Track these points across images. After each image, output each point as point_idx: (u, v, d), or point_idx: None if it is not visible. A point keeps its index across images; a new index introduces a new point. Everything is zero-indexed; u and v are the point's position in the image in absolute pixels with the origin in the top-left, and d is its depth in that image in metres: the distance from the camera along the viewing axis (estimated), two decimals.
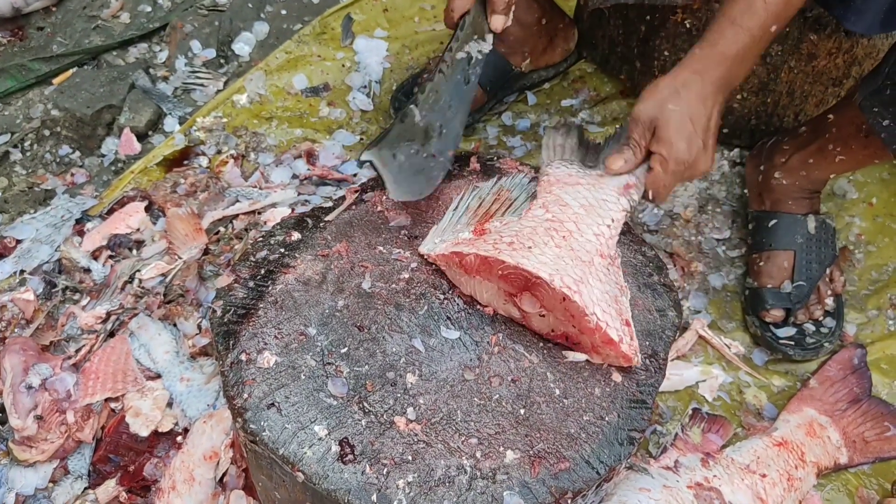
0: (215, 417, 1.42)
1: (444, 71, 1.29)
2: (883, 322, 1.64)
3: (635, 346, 1.08)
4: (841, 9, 1.24)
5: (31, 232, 1.76)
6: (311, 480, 0.99)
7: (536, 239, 1.10)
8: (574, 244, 1.10)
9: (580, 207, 1.16)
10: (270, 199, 1.75)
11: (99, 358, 1.49)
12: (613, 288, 1.10)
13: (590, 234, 1.12)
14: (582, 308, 1.03)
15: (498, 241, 1.10)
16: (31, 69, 2.11)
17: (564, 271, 1.05)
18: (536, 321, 1.12)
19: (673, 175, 1.18)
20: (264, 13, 2.27)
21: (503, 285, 1.11)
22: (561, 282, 1.04)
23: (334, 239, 1.24)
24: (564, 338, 1.12)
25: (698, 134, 1.16)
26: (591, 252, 1.10)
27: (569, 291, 1.03)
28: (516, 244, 1.09)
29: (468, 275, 1.13)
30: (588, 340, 1.09)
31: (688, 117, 1.16)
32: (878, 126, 1.30)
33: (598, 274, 1.09)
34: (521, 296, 1.10)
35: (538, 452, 1.02)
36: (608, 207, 1.16)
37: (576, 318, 1.06)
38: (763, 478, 1.34)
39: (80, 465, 1.43)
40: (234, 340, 1.10)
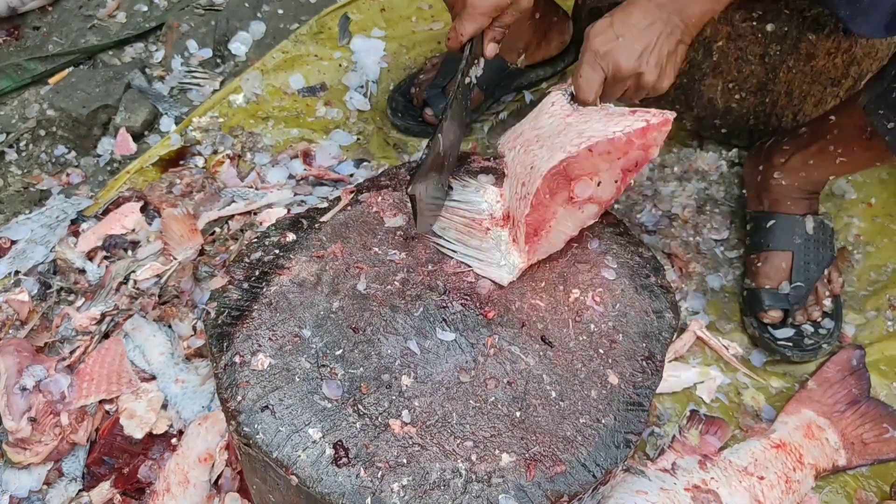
0: (210, 419, 1.41)
1: (459, 97, 1.30)
2: (882, 323, 1.63)
3: (657, 111, 1.13)
4: (847, 11, 1.23)
5: (26, 232, 1.75)
6: (305, 484, 0.98)
7: (527, 161, 1.16)
8: (546, 133, 1.18)
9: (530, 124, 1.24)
10: (266, 200, 1.74)
11: (93, 359, 1.49)
12: (599, 114, 1.17)
13: (546, 121, 1.21)
14: (605, 140, 1.09)
15: (518, 196, 1.16)
16: (26, 69, 2.10)
17: (565, 143, 1.12)
18: (604, 191, 1.18)
19: (587, 65, 1.21)
20: (261, 12, 2.26)
21: (560, 199, 1.15)
22: (573, 146, 1.10)
23: (329, 240, 1.23)
24: (627, 173, 1.17)
25: (618, 32, 1.20)
26: (560, 122, 1.18)
27: (586, 143, 1.10)
28: (524, 179, 1.15)
29: (545, 231, 1.17)
30: (636, 152, 1.14)
31: (612, 20, 1.21)
32: (883, 129, 1.30)
33: (580, 122, 1.16)
34: (574, 191, 1.15)
35: (534, 455, 1.02)
36: (546, 103, 1.25)
37: (612, 151, 1.12)
38: (761, 480, 1.33)
39: (75, 468, 1.42)
40: (228, 342, 1.09)
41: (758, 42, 1.64)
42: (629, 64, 1.20)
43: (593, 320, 1.15)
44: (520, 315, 1.15)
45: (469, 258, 1.21)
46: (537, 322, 1.14)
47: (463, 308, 1.15)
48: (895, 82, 1.26)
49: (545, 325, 1.14)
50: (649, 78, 1.22)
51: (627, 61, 1.20)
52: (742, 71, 1.71)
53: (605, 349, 1.12)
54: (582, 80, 1.22)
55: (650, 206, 1.78)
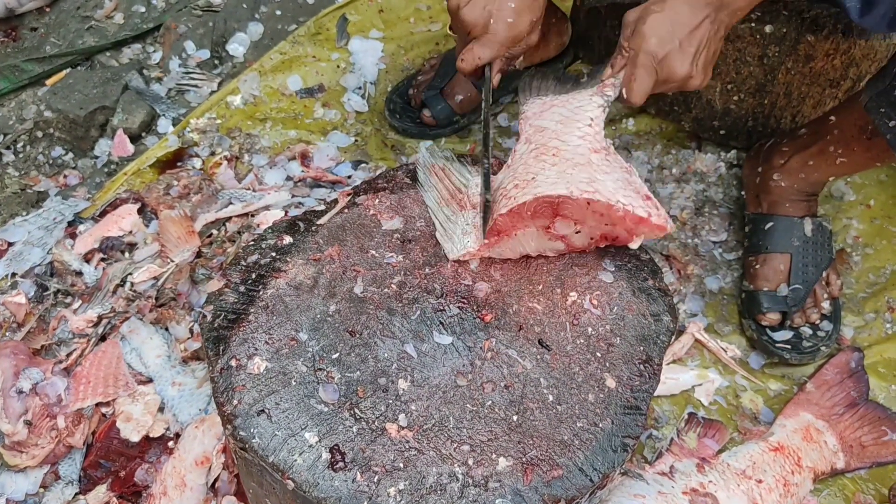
0: (207, 422, 1.41)
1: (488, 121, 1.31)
2: (880, 325, 1.63)
3: (664, 215, 1.12)
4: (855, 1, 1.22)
5: (22, 234, 1.75)
6: (301, 488, 0.98)
7: (533, 168, 1.15)
8: (566, 154, 1.16)
9: (557, 124, 1.22)
10: (264, 202, 1.73)
11: (90, 362, 1.48)
12: (620, 173, 1.15)
13: (575, 140, 1.18)
14: (606, 203, 1.09)
15: (506, 193, 1.15)
16: (24, 70, 2.10)
17: (574, 181, 1.11)
18: (577, 239, 1.18)
19: (643, 69, 1.19)
20: (259, 14, 2.26)
21: (537, 222, 1.15)
22: (578, 190, 1.09)
23: (326, 243, 1.22)
24: (604, 238, 1.19)
25: (676, 34, 1.17)
26: (585, 153, 1.16)
27: (589, 194, 1.09)
28: (520, 183, 1.14)
29: (508, 237, 1.16)
30: (622, 230, 1.15)
31: (668, 18, 1.18)
32: (885, 127, 1.29)
33: (602, 168, 1.15)
34: (554, 223, 1.15)
35: (531, 459, 1.01)
36: (583, 110, 1.22)
37: (604, 214, 1.12)
38: (759, 483, 1.33)
39: (71, 471, 1.42)
40: (224, 346, 1.09)
41: (756, 43, 1.64)
42: (684, 69, 1.19)
43: (591, 323, 1.14)
44: (517, 318, 1.14)
45: (437, 221, 1.25)
46: (534, 325, 1.14)
47: (460, 311, 1.14)
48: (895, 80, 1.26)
49: (542, 329, 1.13)
50: (696, 82, 1.22)
51: (682, 67, 1.19)
52: (740, 72, 1.70)
53: (602, 352, 1.12)
54: (636, 85, 1.20)
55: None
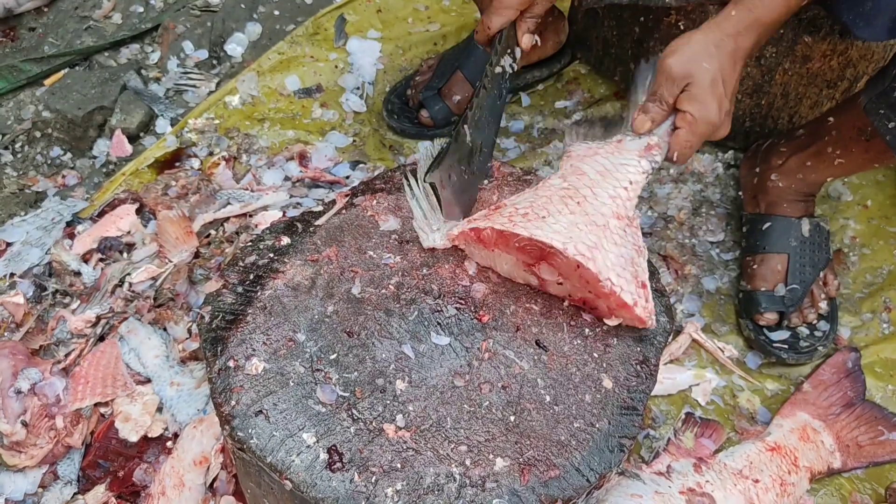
0: (205, 422, 1.41)
1: (487, 87, 1.29)
2: (877, 325, 1.63)
3: (650, 309, 1.09)
4: (850, 15, 1.23)
5: (21, 234, 1.75)
6: (298, 489, 0.98)
7: (551, 208, 1.10)
8: (589, 209, 1.11)
9: (596, 174, 1.16)
10: (262, 202, 1.74)
11: (88, 362, 1.49)
12: (630, 250, 1.11)
13: (605, 198, 1.12)
14: (595, 274, 1.05)
15: (513, 214, 1.11)
16: (22, 70, 2.10)
17: (578, 238, 1.06)
18: (554, 288, 1.15)
19: (700, 137, 1.17)
20: (257, 14, 2.26)
21: (521, 256, 1.13)
22: (574, 249, 1.05)
23: (324, 244, 1.23)
24: (582, 302, 1.14)
25: (728, 97, 1.16)
26: (607, 215, 1.11)
27: (582, 259, 1.04)
28: (531, 215, 1.10)
29: (487, 249, 1.15)
30: (604, 304, 1.11)
31: (720, 78, 1.14)
32: (884, 128, 1.29)
33: (614, 237, 1.10)
34: (539, 265, 1.12)
35: (528, 460, 1.01)
36: (627, 171, 1.16)
37: (591, 283, 1.08)
38: (756, 483, 1.33)
39: (70, 471, 1.42)
40: (222, 347, 1.09)
41: None
42: (725, 131, 1.18)
43: (587, 324, 1.15)
44: (514, 319, 1.14)
45: (417, 209, 1.24)
46: (532, 326, 1.14)
47: (457, 312, 1.14)
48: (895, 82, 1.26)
49: (540, 329, 1.14)
50: (723, 133, 1.20)
51: (726, 130, 1.18)
52: None
53: (599, 353, 1.12)
54: (689, 151, 1.18)
55: (646, 207, 1.78)
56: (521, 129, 1.94)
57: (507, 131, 1.94)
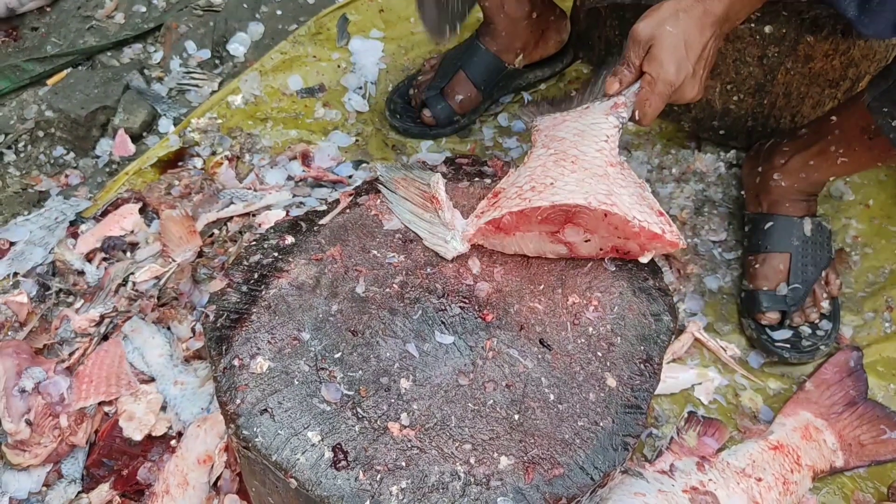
0: (209, 421, 1.41)
1: None
2: (879, 324, 1.63)
3: (676, 231, 1.14)
4: (855, 13, 1.23)
5: (24, 234, 1.75)
6: (303, 487, 0.98)
7: (552, 174, 1.16)
8: (585, 164, 1.17)
9: (574, 136, 1.23)
10: (265, 201, 1.74)
11: (92, 361, 1.49)
12: (635, 188, 1.17)
13: (593, 152, 1.19)
14: (623, 216, 1.10)
15: (520, 192, 1.15)
16: (25, 70, 2.10)
17: (593, 191, 1.12)
18: (584, 248, 1.19)
19: (660, 96, 1.22)
20: (259, 13, 2.26)
21: (544, 227, 1.16)
22: (596, 201, 1.10)
23: (328, 243, 1.23)
24: (614, 251, 1.20)
25: (689, 59, 1.19)
26: (603, 165, 1.17)
27: (607, 206, 1.10)
28: (538, 186, 1.15)
29: (509, 235, 1.17)
30: (635, 244, 1.17)
31: (682, 41, 1.19)
32: (887, 126, 1.29)
33: (618, 181, 1.16)
34: (564, 230, 1.16)
35: (532, 458, 1.02)
36: (600, 128, 1.24)
37: (619, 228, 1.13)
38: (759, 482, 1.33)
39: (74, 469, 1.42)
40: (226, 345, 1.09)
41: (756, 44, 1.64)
42: (693, 93, 1.22)
43: (591, 323, 1.15)
44: (518, 318, 1.15)
45: (421, 230, 1.25)
46: (536, 325, 1.14)
47: (461, 311, 1.15)
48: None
49: (543, 328, 1.14)
50: (697, 97, 1.24)
51: (692, 91, 1.22)
52: (740, 72, 1.71)
53: (603, 352, 1.12)
54: (651, 111, 1.23)
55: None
56: (524, 128, 1.95)
57: (510, 131, 1.94)
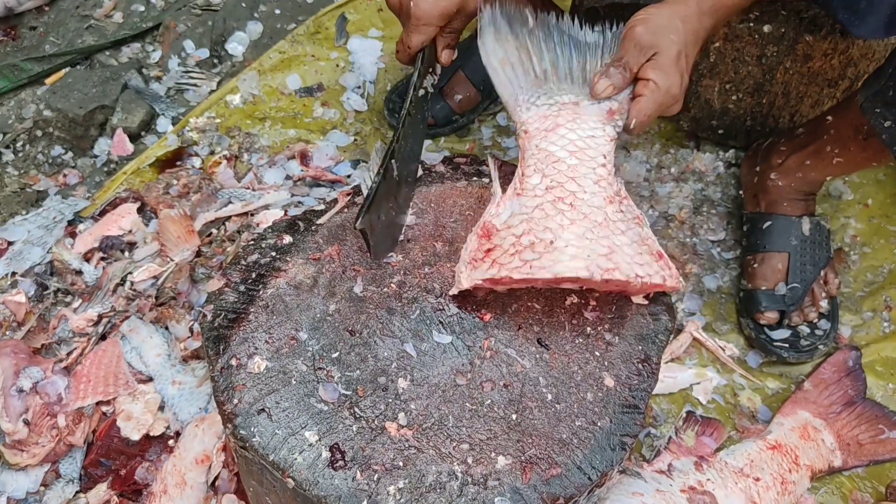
0: (207, 421, 1.41)
1: (412, 112, 1.26)
2: (878, 324, 1.63)
3: (675, 274, 1.11)
4: (845, 14, 1.23)
5: (22, 233, 1.75)
6: (301, 487, 0.98)
7: (551, 224, 1.08)
8: (584, 208, 1.09)
9: (571, 157, 1.14)
10: (263, 201, 1.74)
11: (90, 361, 1.49)
12: (635, 229, 1.11)
13: (592, 187, 1.11)
14: (625, 281, 1.06)
15: (518, 247, 1.08)
16: (23, 69, 2.10)
17: (594, 254, 1.05)
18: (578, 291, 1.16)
19: (659, 106, 1.16)
20: (258, 13, 2.26)
21: (544, 285, 1.13)
22: (598, 269, 1.05)
23: (326, 242, 1.23)
24: (609, 293, 1.16)
25: (687, 69, 1.17)
26: (602, 206, 1.10)
27: (608, 274, 1.05)
28: (538, 244, 1.07)
29: (510, 284, 1.12)
30: (633, 289, 1.13)
31: (684, 53, 1.15)
32: (880, 127, 1.29)
33: (618, 227, 1.09)
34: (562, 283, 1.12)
35: (530, 458, 1.02)
36: (597, 144, 1.15)
37: (620, 286, 1.10)
38: (757, 481, 1.34)
39: (72, 469, 1.42)
40: (224, 345, 1.09)
41: (755, 43, 1.64)
42: (678, 108, 1.18)
43: (589, 323, 1.15)
44: (516, 318, 1.15)
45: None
46: (533, 325, 1.14)
47: (459, 311, 1.14)
48: (891, 80, 1.26)
49: (541, 328, 1.14)
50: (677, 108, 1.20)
51: (679, 105, 1.18)
52: (739, 72, 1.71)
53: (601, 352, 1.12)
54: (647, 120, 1.16)
55: (647, 206, 1.78)
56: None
57: (509, 130, 1.94)
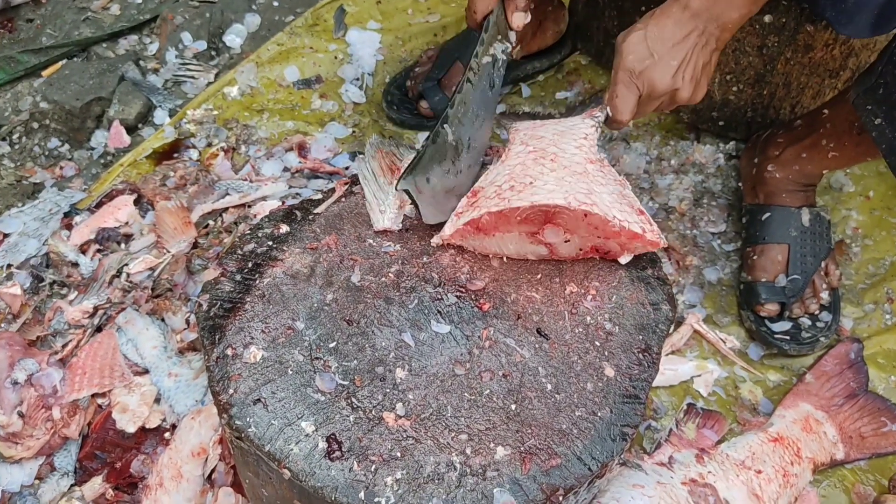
0: (203, 413, 1.40)
1: (472, 80, 1.26)
2: (880, 316, 1.62)
3: (656, 230, 1.12)
4: (832, 12, 1.22)
5: (18, 225, 1.74)
6: (297, 478, 0.97)
7: (531, 172, 1.13)
8: (564, 161, 1.15)
9: (554, 134, 1.22)
10: (261, 193, 1.73)
11: (86, 353, 1.48)
12: (615, 186, 1.14)
13: (572, 149, 1.17)
14: (604, 217, 1.08)
15: (499, 192, 1.12)
16: (20, 61, 2.09)
17: (573, 190, 1.09)
18: (564, 248, 1.16)
19: (623, 85, 1.20)
20: (256, 5, 2.25)
21: (523, 228, 1.13)
22: (576, 201, 1.08)
23: (323, 231, 1.22)
24: (595, 251, 1.16)
25: (656, 49, 1.17)
26: (582, 163, 1.15)
27: (587, 206, 1.07)
28: (517, 185, 1.12)
29: (488, 235, 1.14)
30: (615, 243, 1.14)
31: (648, 34, 1.18)
32: (870, 124, 1.29)
33: (598, 179, 1.13)
34: (543, 230, 1.13)
35: (529, 448, 1.00)
36: (578, 128, 1.22)
37: (599, 227, 1.11)
38: (758, 474, 1.33)
39: (67, 462, 1.41)
40: (220, 335, 1.08)
41: (755, 33, 1.63)
42: (665, 82, 1.19)
43: (589, 312, 1.14)
44: (515, 307, 1.13)
45: (368, 189, 1.25)
46: (533, 314, 1.13)
47: (458, 300, 1.13)
48: (882, 78, 1.25)
49: (541, 318, 1.13)
50: (684, 94, 1.22)
51: (663, 80, 1.19)
52: (740, 62, 1.69)
53: (601, 341, 1.11)
54: (618, 101, 1.21)
55: (647, 198, 1.77)
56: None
57: None
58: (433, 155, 1.18)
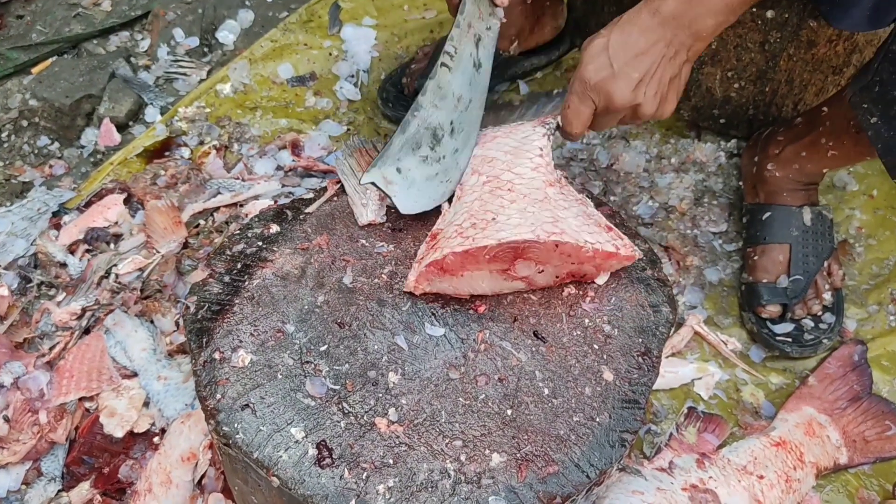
0: (193, 417, 1.38)
1: (448, 64, 1.22)
2: (884, 318, 1.60)
3: (629, 244, 1.10)
4: (828, 6, 1.20)
5: (6, 225, 1.71)
6: (286, 485, 0.94)
7: (491, 207, 1.10)
8: (523, 189, 1.12)
9: (506, 154, 1.19)
10: (253, 191, 1.70)
11: (73, 356, 1.45)
12: (578, 207, 1.12)
13: (528, 172, 1.15)
14: (575, 244, 1.05)
15: (461, 230, 1.08)
16: (9, 58, 2.07)
17: (539, 221, 1.06)
18: (540, 279, 1.12)
19: (576, 96, 1.15)
20: (249, 1, 2.23)
21: (493, 266, 1.09)
22: (545, 232, 1.05)
23: (315, 232, 1.19)
24: (571, 276, 1.13)
25: (616, 59, 1.10)
26: (540, 186, 1.12)
27: (557, 236, 1.04)
28: (478, 223, 1.08)
29: (456, 276, 1.09)
30: (590, 266, 1.11)
31: (609, 42, 1.11)
32: (867, 123, 1.26)
33: (560, 203, 1.11)
34: (514, 265, 1.09)
35: (526, 455, 0.98)
36: (530, 140, 1.19)
37: (572, 255, 1.08)
38: (760, 479, 1.31)
39: (54, 467, 1.39)
40: (207, 338, 1.05)
41: (757, 29, 1.60)
42: (624, 97, 1.12)
43: (587, 314, 1.11)
44: (511, 309, 1.11)
45: (348, 185, 1.24)
46: (530, 317, 1.11)
47: (453, 302, 1.11)
48: (877, 76, 1.22)
49: (538, 320, 1.10)
50: (647, 110, 1.15)
51: (622, 94, 1.12)
52: (741, 59, 1.67)
53: (599, 345, 1.08)
54: (570, 113, 1.16)
55: (647, 197, 1.75)
56: None
57: (506, 119, 1.90)
58: (402, 144, 1.16)
